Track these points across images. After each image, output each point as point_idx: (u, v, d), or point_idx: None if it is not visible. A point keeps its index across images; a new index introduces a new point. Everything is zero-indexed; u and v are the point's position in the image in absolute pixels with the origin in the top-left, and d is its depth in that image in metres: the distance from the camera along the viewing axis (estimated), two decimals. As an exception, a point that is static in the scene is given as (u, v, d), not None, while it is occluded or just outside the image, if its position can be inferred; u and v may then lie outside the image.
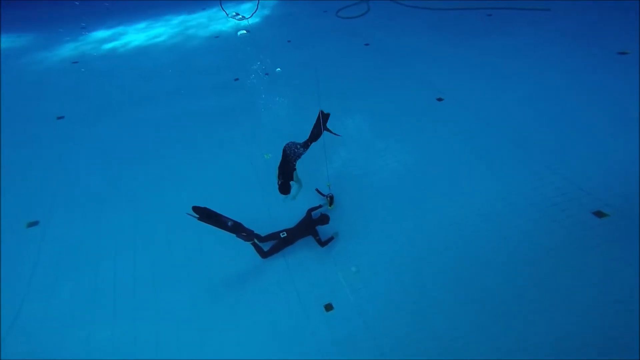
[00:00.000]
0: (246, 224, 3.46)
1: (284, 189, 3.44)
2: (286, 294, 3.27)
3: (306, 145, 3.58)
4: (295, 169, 3.50)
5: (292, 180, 3.47)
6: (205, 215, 3.25)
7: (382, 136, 4.81)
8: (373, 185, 4.13)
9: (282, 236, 3.47)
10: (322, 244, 3.47)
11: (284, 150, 3.48)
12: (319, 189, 4.02)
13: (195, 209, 3.22)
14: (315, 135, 3.64)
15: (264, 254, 3.46)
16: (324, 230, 3.63)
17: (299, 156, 3.49)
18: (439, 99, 5.32)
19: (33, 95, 6.49)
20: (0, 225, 4.06)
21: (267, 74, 6.44)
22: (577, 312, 2.86)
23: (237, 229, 3.34)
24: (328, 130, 3.67)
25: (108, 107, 6.08)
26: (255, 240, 3.43)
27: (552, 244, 3.33)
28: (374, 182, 4.16)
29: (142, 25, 9.46)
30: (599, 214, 3.47)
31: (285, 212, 3.77)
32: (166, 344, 3.03)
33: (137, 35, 8.91)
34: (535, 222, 3.51)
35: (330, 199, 3.80)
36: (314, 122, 3.67)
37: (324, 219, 3.57)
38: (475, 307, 3.00)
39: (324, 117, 3.62)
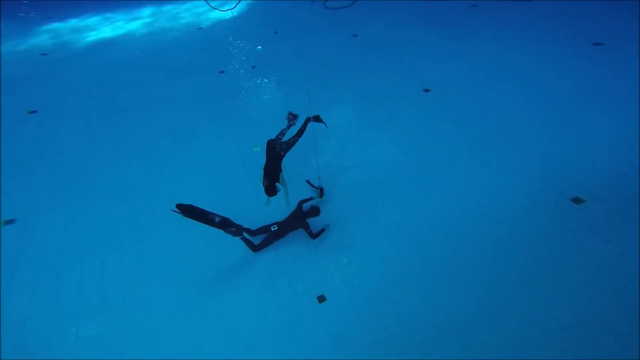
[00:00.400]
0: (236, 217, 3.42)
1: (271, 191, 3.34)
2: (278, 287, 3.26)
3: (294, 141, 3.49)
4: (281, 170, 3.40)
5: (278, 181, 3.37)
6: (190, 211, 3.11)
7: (371, 127, 4.82)
8: (363, 177, 4.14)
9: (273, 229, 3.45)
10: (314, 236, 3.47)
11: (268, 148, 3.38)
12: (309, 181, 4.00)
13: (179, 206, 3.08)
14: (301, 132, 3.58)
15: (255, 248, 3.44)
16: (314, 222, 3.62)
17: (288, 149, 3.43)
18: (426, 90, 5.35)
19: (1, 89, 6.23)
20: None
21: (253, 66, 6.35)
22: (558, 297, 2.96)
23: (225, 224, 3.22)
24: (319, 119, 3.62)
25: (83, 99, 5.88)
26: (245, 234, 3.39)
27: (535, 230, 3.42)
28: (364, 174, 4.17)
29: (121, 15, 9.20)
30: (576, 200, 3.57)
31: (276, 205, 3.74)
32: (156, 339, 3.01)
33: (115, 24, 8.66)
34: (519, 209, 3.59)
35: (321, 191, 3.79)
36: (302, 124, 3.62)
37: (315, 211, 3.56)
38: (465, 296, 3.05)
39: (315, 119, 3.60)
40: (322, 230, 3.54)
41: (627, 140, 4.09)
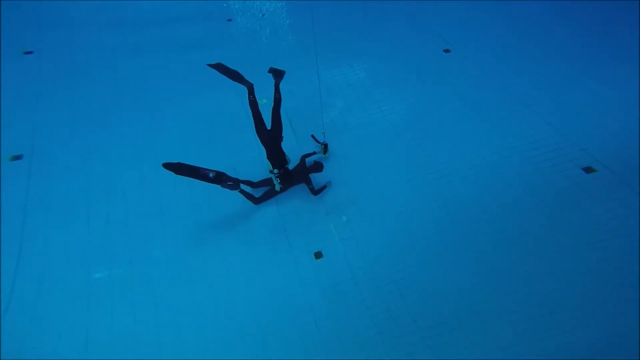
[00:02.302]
0: (240, 169, 3.39)
1: (287, 176, 3.29)
2: (277, 242, 3.31)
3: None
4: (284, 153, 3.34)
5: (287, 163, 3.33)
6: (179, 169, 3.03)
7: (381, 86, 4.61)
8: (368, 136, 4.03)
9: (277, 190, 3.41)
10: (315, 192, 3.44)
11: (261, 137, 3.27)
12: (314, 136, 3.91)
13: (167, 165, 2.99)
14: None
15: (256, 200, 3.43)
16: (317, 178, 3.58)
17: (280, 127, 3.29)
18: (446, 51, 5.04)
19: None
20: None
21: (263, 14, 6.00)
22: (561, 266, 2.94)
23: (221, 179, 3.12)
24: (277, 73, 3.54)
25: (82, 37, 5.63)
26: (242, 187, 3.34)
27: (543, 197, 3.35)
28: (370, 133, 4.06)
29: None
30: (588, 170, 3.46)
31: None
32: (159, 287, 3.11)
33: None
34: (527, 176, 3.50)
35: (325, 147, 3.71)
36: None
37: (318, 167, 3.50)
38: (462, 261, 3.07)
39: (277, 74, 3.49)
40: (324, 186, 3.50)
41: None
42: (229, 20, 6.06)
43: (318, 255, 3.20)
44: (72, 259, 3.26)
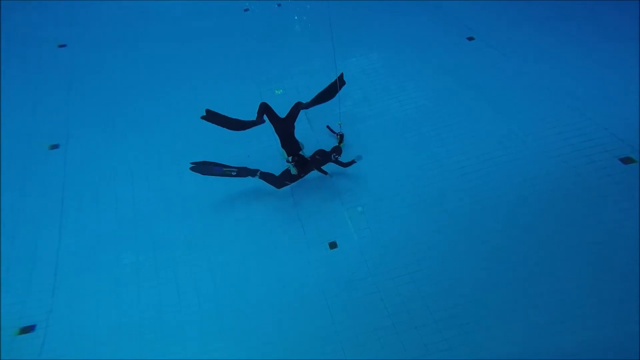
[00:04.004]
0: (256, 159, 3.41)
1: (303, 164, 3.30)
2: (292, 230, 3.32)
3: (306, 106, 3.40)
4: (298, 141, 3.37)
5: (301, 150, 3.34)
6: (204, 168, 3.26)
7: (399, 75, 4.48)
8: (384, 127, 3.96)
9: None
10: (344, 165, 3.38)
11: (274, 125, 3.30)
12: (329, 126, 3.88)
13: (195, 167, 3.22)
14: (321, 98, 3.47)
15: (278, 184, 3.42)
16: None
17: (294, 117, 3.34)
18: (470, 38, 4.83)
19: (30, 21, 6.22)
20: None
21: (279, 4, 5.96)
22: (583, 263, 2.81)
23: (244, 172, 3.29)
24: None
25: (112, 34, 5.81)
26: (261, 171, 3.38)
27: (573, 189, 3.20)
28: (386, 123, 3.99)
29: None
30: (626, 160, 3.25)
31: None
32: (175, 269, 3.22)
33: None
34: (556, 167, 3.35)
35: (341, 138, 3.68)
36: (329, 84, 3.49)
37: (337, 150, 3.40)
38: (479, 254, 2.98)
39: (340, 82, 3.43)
40: (353, 161, 3.40)
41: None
42: (246, 10, 6.05)
43: (333, 245, 3.20)
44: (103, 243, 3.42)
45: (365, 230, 3.23)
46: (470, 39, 4.81)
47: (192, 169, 3.24)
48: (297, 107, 3.34)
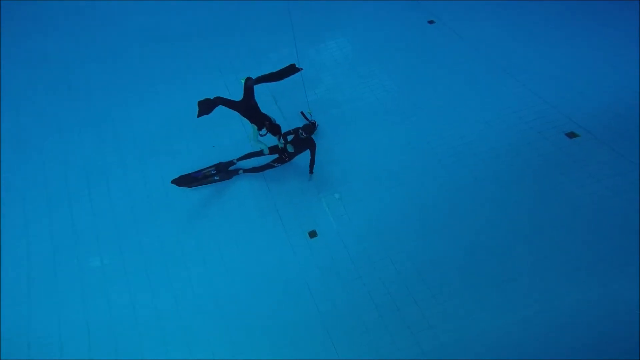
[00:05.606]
0: (223, 149, 3.29)
1: (277, 128, 3.22)
2: (270, 222, 3.28)
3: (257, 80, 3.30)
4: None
5: (273, 120, 3.26)
6: (186, 181, 3.37)
7: (367, 61, 4.47)
8: (356, 112, 3.97)
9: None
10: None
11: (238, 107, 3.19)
12: (303, 112, 3.83)
13: (175, 181, 3.34)
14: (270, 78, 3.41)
15: (281, 160, 3.47)
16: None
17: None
18: (430, 22, 4.90)
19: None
20: None
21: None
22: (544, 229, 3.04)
23: (224, 170, 3.36)
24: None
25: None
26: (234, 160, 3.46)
27: (530, 162, 3.41)
28: (358, 109, 4.00)
29: None
30: (570, 135, 3.52)
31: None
32: (153, 268, 3.11)
33: None
34: (512, 143, 3.55)
35: (313, 125, 3.61)
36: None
37: (309, 128, 3.32)
38: (456, 232, 3.11)
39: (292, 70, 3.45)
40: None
41: (628, 82, 3.90)
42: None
43: (312, 234, 3.18)
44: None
45: (343, 217, 3.24)
46: (431, 22, 4.89)
47: (174, 183, 3.33)
48: (248, 81, 3.21)
